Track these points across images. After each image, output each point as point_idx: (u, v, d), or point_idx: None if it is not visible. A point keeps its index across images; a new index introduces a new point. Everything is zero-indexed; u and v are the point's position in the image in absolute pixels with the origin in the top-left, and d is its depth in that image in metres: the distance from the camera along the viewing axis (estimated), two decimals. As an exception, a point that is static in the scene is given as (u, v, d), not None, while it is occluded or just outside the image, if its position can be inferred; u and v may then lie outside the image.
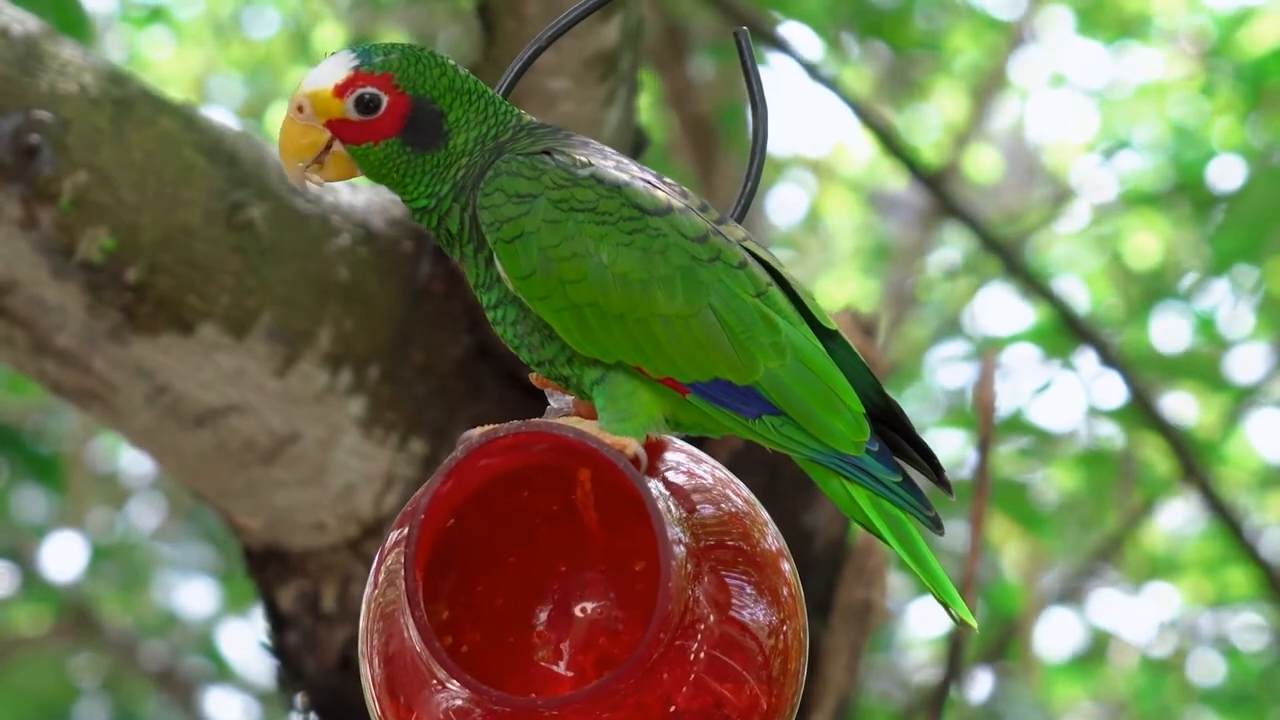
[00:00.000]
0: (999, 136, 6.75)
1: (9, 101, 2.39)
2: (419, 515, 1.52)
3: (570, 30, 1.76)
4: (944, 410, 5.03)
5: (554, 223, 1.59)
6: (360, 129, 1.61)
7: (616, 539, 1.63)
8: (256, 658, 5.58)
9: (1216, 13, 5.56)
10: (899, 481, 1.62)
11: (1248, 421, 5.54)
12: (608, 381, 1.61)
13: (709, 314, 1.60)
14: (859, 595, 2.73)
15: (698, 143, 4.89)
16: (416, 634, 1.50)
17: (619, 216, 1.60)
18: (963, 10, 5.60)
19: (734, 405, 1.61)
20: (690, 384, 1.60)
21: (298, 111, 1.61)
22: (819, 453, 1.62)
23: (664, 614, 1.49)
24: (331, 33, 5.65)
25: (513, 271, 1.59)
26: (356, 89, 1.61)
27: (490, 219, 1.59)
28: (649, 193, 1.61)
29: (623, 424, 1.60)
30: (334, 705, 2.69)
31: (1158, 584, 5.84)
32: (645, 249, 1.60)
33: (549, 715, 1.50)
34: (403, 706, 1.57)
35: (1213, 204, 4.86)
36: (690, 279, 1.60)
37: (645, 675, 1.51)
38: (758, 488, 1.67)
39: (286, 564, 2.69)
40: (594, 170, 1.61)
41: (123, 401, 2.55)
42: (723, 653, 1.56)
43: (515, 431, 1.55)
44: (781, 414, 1.61)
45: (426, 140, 1.62)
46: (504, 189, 1.60)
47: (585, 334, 1.59)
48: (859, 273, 6.54)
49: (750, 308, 1.61)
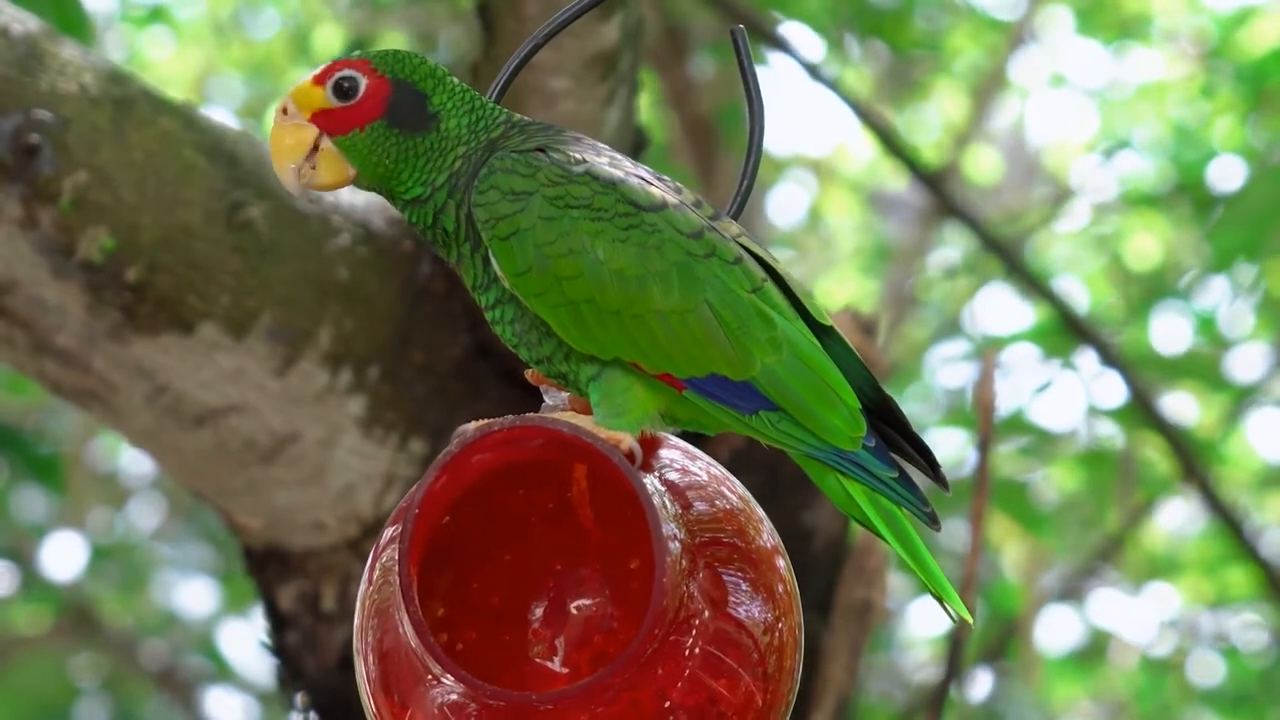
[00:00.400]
0: (999, 136, 6.75)
1: (9, 101, 2.39)
2: (413, 510, 1.53)
3: (570, 30, 1.76)
4: (944, 410, 5.03)
5: (549, 219, 1.59)
6: (343, 115, 1.61)
7: (612, 536, 1.63)
8: (256, 658, 5.58)
9: (1217, 13, 5.56)
10: (895, 477, 1.62)
11: (1248, 421, 5.54)
12: (604, 377, 1.61)
13: (705, 309, 1.60)
14: (859, 595, 2.73)
15: (698, 143, 4.89)
16: (411, 630, 1.50)
17: (614, 213, 1.60)
18: (963, 10, 5.60)
19: (730, 401, 1.61)
20: (687, 380, 1.60)
21: (283, 115, 1.62)
22: (815, 448, 1.62)
23: (658, 609, 1.49)
24: (331, 33, 5.65)
25: (508, 269, 1.59)
26: (334, 74, 1.62)
27: (485, 216, 1.59)
28: (644, 189, 1.61)
29: (618, 419, 1.60)
30: (334, 705, 2.69)
31: (1158, 584, 5.84)
32: (641, 245, 1.60)
33: (544, 710, 1.50)
34: (397, 704, 1.57)
35: (1213, 204, 4.87)
36: (686, 274, 1.60)
37: (640, 670, 1.51)
38: (756, 486, 1.67)
39: (286, 564, 2.69)
40: (589, 167, 1.61)
41: (123, 401, 2.55)
42: (718, 649, 1.56)
43: (509, 426, 1.55)
44: (778, 409, 1.61)
45: (413, 122, 1.62)
46: (499, 186, 1.60)
47: (581, 330, 1.59)
48: (859, 273, 6.54)
49: (746, 303, 1.61)
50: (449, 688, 1.53)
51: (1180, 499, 5.51)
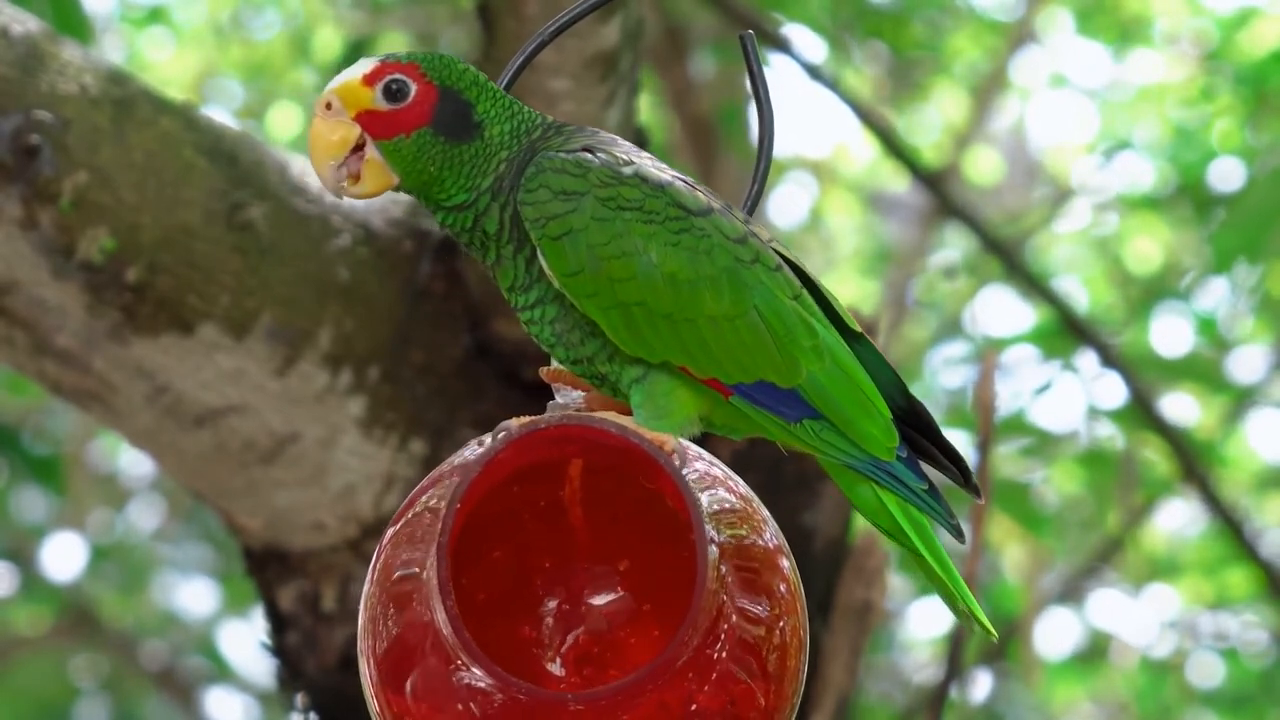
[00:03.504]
0: (999, 137, 6.75)
1: (9, 101, 2.39)
2: (455, 503, 1.51)
3: (571, 30, 1.76)
4: (944, 410, 5.03)
5: (602, 220, 1.57)
6: (390, 119, 1.59)
7: (600, 536, 1.62)
8: (256, 658, 5.58)
9: (1217, 15, 5.56)
10: (926, 489, 1.62)
11: (1248, 423, 5.54)
12: (648, 380, 1.59)
13: (754, 315, 1.59)
14: (859, 595, 2.73)
15: (698, 143, 4.89)
16: (447, 624, 1.49)
17: (665, 216, 1.58)
18: (963, 12, 5.60)
19: (777, 408, 1.60)
20: (734, 385, 1.59)
21: (325, 109, 1.59)
22: (855, 458, 1.61)
23: (699, 613, 1.49)
24: (331, 34, 5.65)
25: (559, 269, 1.57)
26: (385, 76, 1.59)
27: (535, 215, 1.57)
28: (691, 193, 1.60)
29: (660, 422, 1.58)
30: (334, 705, 2.69)
31: (1158, 585, 5.84)
32: (692, 249, 1.58)
33: (574, 710, 1.49)
34: (405, 700, 1.56)
35: (1213, 205, 4.87)
36: (735, 280, 1.59)
37: (673, 674, 1.51)
38: (758, 485, 1.67)
39: (286, 564, 2.69)
40: (638, 169, 1.59)
41: (123, 401, 2.55)
42: (741, 652, 1.55)
43: (558, 424, 1.53)
44: (821, 418, 1.60)
45: (459, 131, 1.60)
46: (549, 185, 1.58)
47: (632, 333, 1.58)
48: (859, 273, 6.54)
49: (790, 310, 1.60)
50: (458, 685, 1.52)
51: (1180, 500, 5.51)
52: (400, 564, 1.59)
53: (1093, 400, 4.54)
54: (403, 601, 1.57)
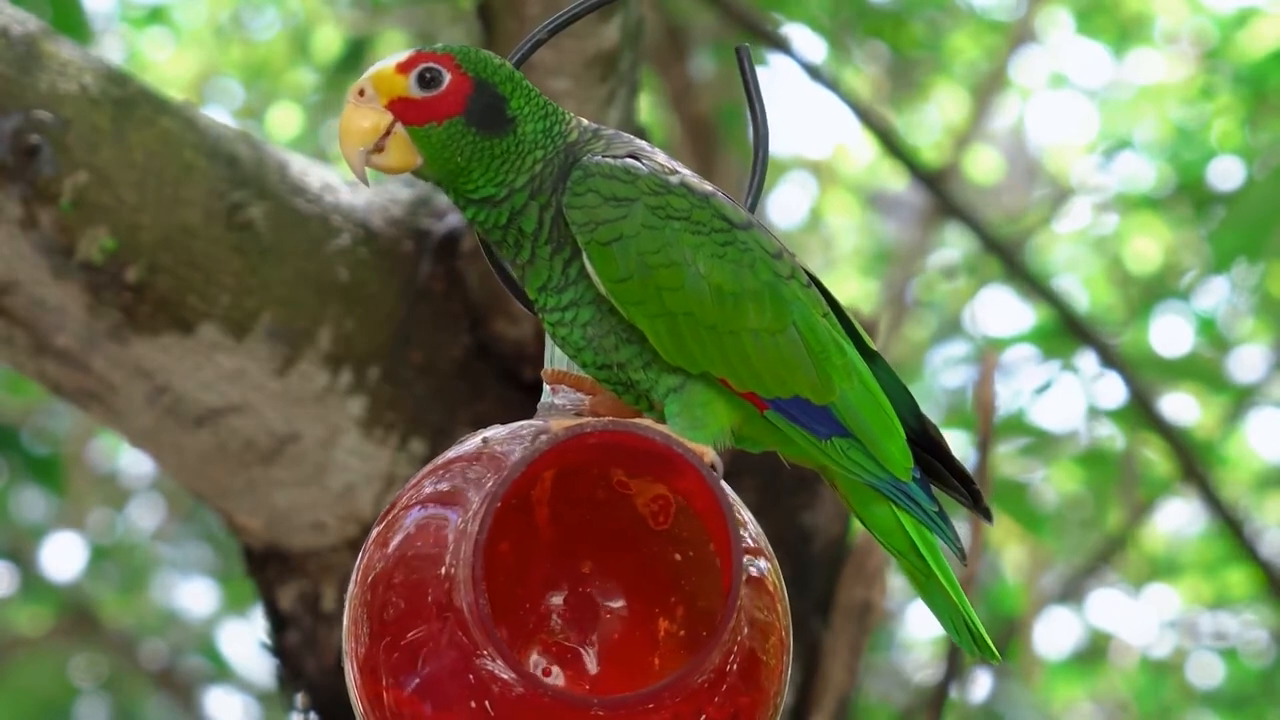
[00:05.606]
0: (999, 137, 6.75)
1: (9, 101, 2.39)
2: (494, 503, 1.50)
3: (570, 30, 1.76)
4: (944, 410, 5.03)
5: (652, 228, 1.57)
6: (423, 107, 1.58)
7: (563, 535, 1.61)
8: (256, 658, 5.58)
9: (1217, 14, 5.56)
10: (937, 511, 1.62)
11: (1248, 423, 5.54)
12: (686, 390, 1.59)
13: (793, 331, 1.59)
14: (859, 595, 2.73)
15: (698, 143, 4.90)
16: (477, 623, 1.49)
17: (711, 228, 1.59)
18: (963, 12, 5.60)
19: (810, 425, 1.60)
20: (771, 400, 1.59)
21: (358, 96, 1.59)
22: (877, 477, 1.61)
23: (730, 627, 1.49)
24: (331, 33, 5.65)
25: (607, 274, 1.57)
26: (420, 64, 1.59)
27: (584, 219, 1.57)
28: (732, 206, 1.61)
29: (696, 432, 1.58)
30: (334, 705, 2.69)
31: (1158, 585, 5.84)
32: (737, 262, 1.59)
33: (595, 715, 1.49)
34: (390, 701, 1.56)
35: (1213, 205, 4.87)
36: (776, 295, 1.59)
37: (694, 686, 1.51)
38: (756, 487, 1.67)
39: (286, 564, 2.69)
40: (683, 178, 1.60)
41: (123, 401, 2.55)
42: (748, 664, 1.55)
43: (604, 429, 1.52)
44: (850, 436, 1.60)
45: (492, 124, 1.59)
46: (598, 190, 1.58)
47: (676, 342, 1.58)
48: (859, 273, 6.54)
49: (823, 328, 1.61)
50: (437, 690, 1.52)
51: (1180, 500, 5.51)
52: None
53: (1093, 400, 4.54)
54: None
